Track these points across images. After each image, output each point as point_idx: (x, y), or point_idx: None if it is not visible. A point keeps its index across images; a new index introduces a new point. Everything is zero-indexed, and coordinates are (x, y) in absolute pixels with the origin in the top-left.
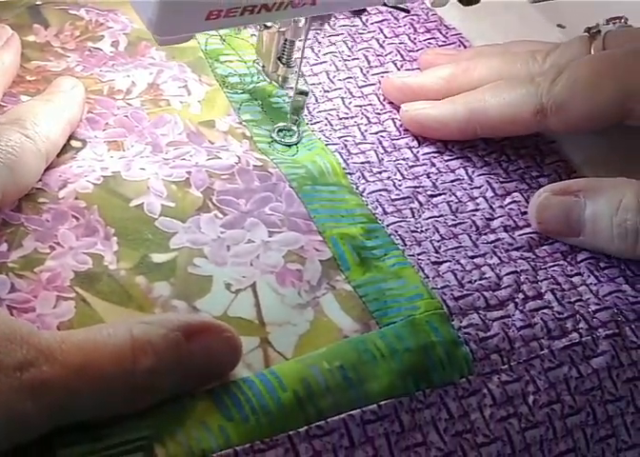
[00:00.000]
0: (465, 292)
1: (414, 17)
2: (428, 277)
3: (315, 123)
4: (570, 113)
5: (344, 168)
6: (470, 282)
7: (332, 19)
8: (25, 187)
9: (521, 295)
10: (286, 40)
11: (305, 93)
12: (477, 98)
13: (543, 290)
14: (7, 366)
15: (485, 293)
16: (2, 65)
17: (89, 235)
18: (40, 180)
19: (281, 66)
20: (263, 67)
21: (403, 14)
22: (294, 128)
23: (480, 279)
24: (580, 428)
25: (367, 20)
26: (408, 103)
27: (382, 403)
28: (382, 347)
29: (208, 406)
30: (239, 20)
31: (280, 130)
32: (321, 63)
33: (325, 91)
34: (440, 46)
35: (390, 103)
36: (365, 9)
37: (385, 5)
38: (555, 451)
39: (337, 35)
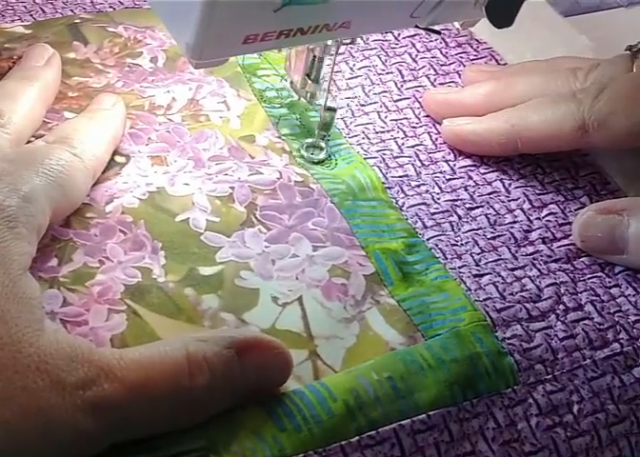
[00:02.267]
0: (507, 304)
1: (445, 32)
2: (470, 290)
3: (353, 136)
4: (612, 130)
5: (383, 183)
6: (511, 294)
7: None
8: (74, 204)
9: (562, 307)
10: (314, 57)
11: (333, 110)
12: (519, 115)
13: (583, 302)
14: (70, 384)
15: (526, 305)
16: (45, 83)
17: (136, 249)
18: (87, 195)
19: (309, 82)
20: (291, 83)
21: None
22: (322, 144)
23: (521, 291)
24: (625, 437)
25: (399, 35)
26: (449, 118)
27: (431, 413)
28: (429, 358)
29: (260, 417)
30: (275, 43)
31: (308, 147)
32: (356, 77)
33: (361, 105)
34: (472, 60)
35: (426, 117)
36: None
37: (417, 27)
38: None
39: (371, 49)
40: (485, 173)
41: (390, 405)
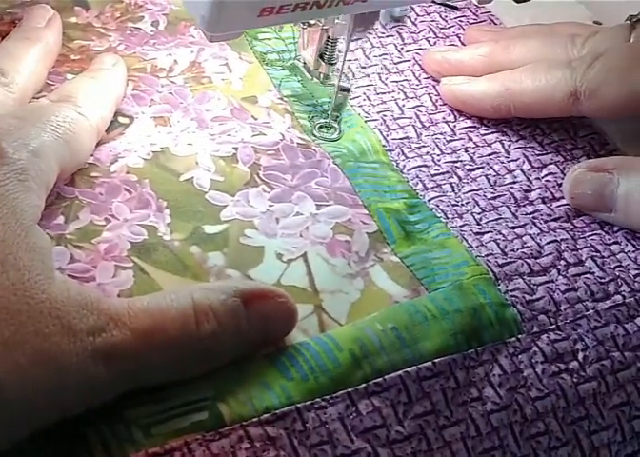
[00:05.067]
0: (508, 260)
1: None
2: (471, 246)
3: (354, 98)
4: (603, 99)
5: (384, 146)
6: (512, 250)
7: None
8: (80, 161)
9: (563, 262)
10: (329, 38)
11: (347, 90)
12: (514, 78)
13: (583, 258)
14: (80, 330)
15: (528, 261)
16: (46, 44)
17: (142, 208)
18: (92, 155)
19: (323, 63)
20: (304, 64)
21: None
22: (335, 124)
23: (522, 248)
24: (632, 383)
25: None
26: (447, 77)
27: (436, 360)
28: (432, 309)
29: (267, 367)
30: (291, 17)
31: (321, 127)
32: (356, 40)
33: (362, 67)
34: (471, 24)
35: (426, 78)
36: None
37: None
38: (609, 404)
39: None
40: (485, 135)
41: (395, 353)
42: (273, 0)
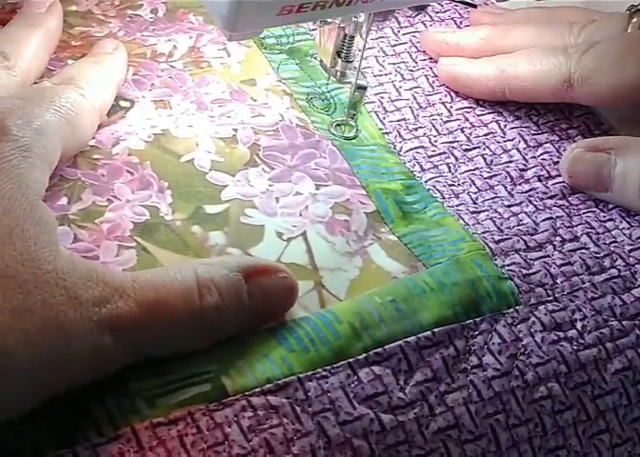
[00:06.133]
0: (504, 236)
1: None
2: (468, 224)
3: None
4: (595, 87)
5: (380, 129)
6: (508, 228)
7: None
8: (83, 143)
9: (558, 238)
10: (345, 35)
11: (364, 88)
12: (510, 61)
13: (579, 234)
14: (86, 301)
15: (524, 237)
16: (48, 30)
17: (143, 189)
18: (93, 138)
19: (340, 61)
20: (321, 61)
21: None
22: (352, 122)
23: (518, 225)
24: (632, 348)
25: None
26: (445, 57)
27: (435, 330)
28: (430, 283)
29: (268, 341)
30: (310, 15)
31: (338, 125)
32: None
33: (358, 50)
34: (466, 8)
35: (423, 60)
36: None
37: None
38: (611, 370)
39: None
40: (481, 115)
41: (394, 324)
42: None
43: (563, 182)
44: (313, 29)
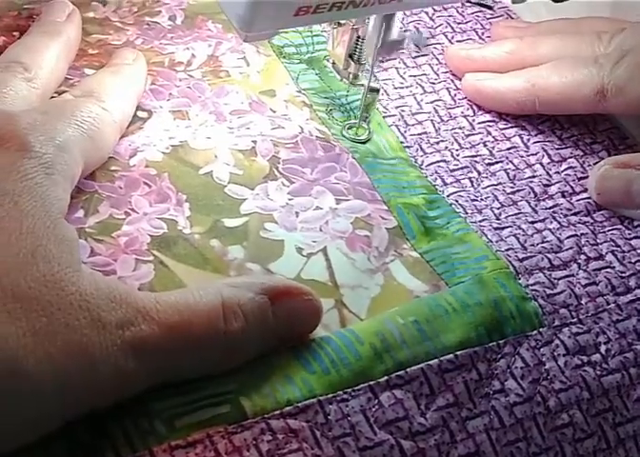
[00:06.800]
0: (528, 254)
1: None
2: (491, 241)
3: None
4: (630, 96)
5: (401, 142)
6: (532, 245)
7: None
8: (103, 156)
9: (583, 257)
10: (358, 37)
11: (376, 91)
12: (539, 74)
13: (604, 252)
14: (109, 323)
15: (548, 255)
16: (67, 39)
17: (161, 201)
18: None
19: (352, 63)
20: (334, 64)
21: None
22: (365, 125)
23: (542, 242)
24: None
25: None
26: (471, 73)
27: (458, 353)
28: (453, 302)
29: (289, 361)
30: (326, 16)
31: (350, 127)
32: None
33: (380, 62)
34: (488, 19)
35: (445, 73)
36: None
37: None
38: (634, 396)
39: None
40: (504, 129)
41: (416, 346)
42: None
43: (587, 198)
44: (324, 31)
